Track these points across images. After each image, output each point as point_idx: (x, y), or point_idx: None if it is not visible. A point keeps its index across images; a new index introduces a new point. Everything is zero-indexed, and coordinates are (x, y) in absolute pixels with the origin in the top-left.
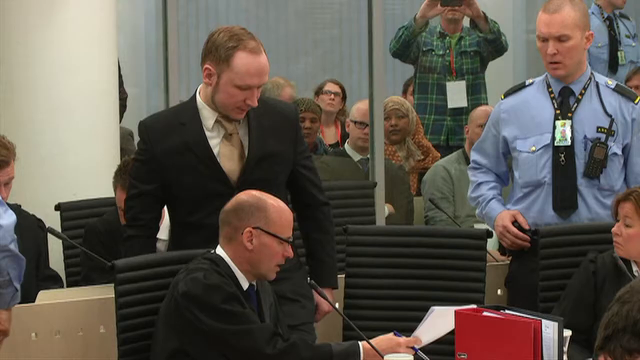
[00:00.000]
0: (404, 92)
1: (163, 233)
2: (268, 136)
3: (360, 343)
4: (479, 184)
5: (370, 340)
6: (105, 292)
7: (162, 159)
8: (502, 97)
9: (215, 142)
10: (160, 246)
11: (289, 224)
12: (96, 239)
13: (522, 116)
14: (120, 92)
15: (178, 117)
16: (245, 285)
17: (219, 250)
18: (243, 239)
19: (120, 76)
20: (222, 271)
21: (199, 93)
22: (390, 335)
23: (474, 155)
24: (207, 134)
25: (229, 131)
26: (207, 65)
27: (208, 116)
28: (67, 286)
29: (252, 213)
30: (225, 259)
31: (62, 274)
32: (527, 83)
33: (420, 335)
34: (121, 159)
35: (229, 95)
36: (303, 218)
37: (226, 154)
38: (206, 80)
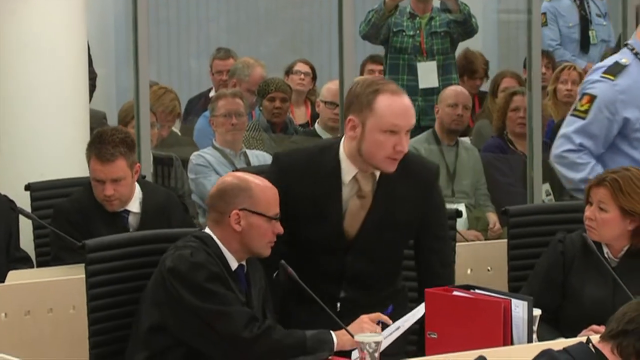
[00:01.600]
0: (361, 72)
1: (134, 205)
2: (396, 203)
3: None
4: (594, 166)
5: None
6: (75, 272)
7: (288, 198)
8: (612, 77)
9: (345, 196)
10: (132, 220)
11: (274, 201)
12: (64, 218)
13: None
14: (89, 72)
15: (319, 164)
16: (234, 265)
17: (208, 231)
18: (231, 221)
19: (89, 56)
20: (211, 250)
21: (342, 144)
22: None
23: (578, 138)
24: (342, 189)
25: (363, 193)
26: (350, 117)
27: (347, 171)
28: (37, 266)
29: (237, 195)
30: (214, 239)
31: (32, 255)
32: (623, 62)
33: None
34: None
35: (376, 143)
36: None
37: (353, 212)
38: (350, 133)
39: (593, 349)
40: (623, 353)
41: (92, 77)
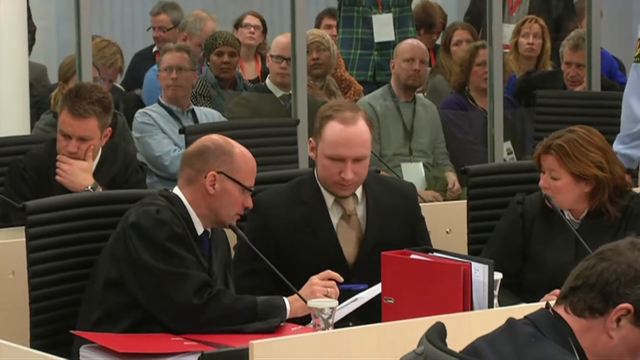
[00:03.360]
0: (317, 26)
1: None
2: (387, 219)
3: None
4: None
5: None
6: (14, 235)
7: (279, 234)
8: None
9: (333, 222)
10: None
11: (252, 173)
12: (18, 174)
13: None
14: (28, 25)
15: (298, 194)
16: (200, 230)
17: (177, 191)
18: (205, 182)
19: (28, 8)
20: (177, 211)
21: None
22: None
23: None
24: (330, 214)
25: (347, 212)
26: (310, 138)
27: (327, 195)
28: None
29: (217, 157)
30: (183, 200)
31: None
32: None
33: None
34: (31, 94)
35: (323, 168)
36: None
37: (343, 236)
38: (310, 154)
39: (552, 313)
40: (576, 310)
41: (32, 30)
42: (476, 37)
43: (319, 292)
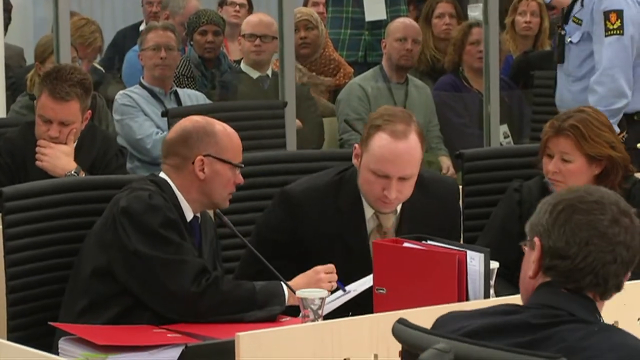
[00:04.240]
0: (305, 4)
1: None
2: (421, 231)
3: (281, 283)
4: None
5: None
6: None
7: (308, 242)
8: None
9: (367, 233)
10: None
11: (239, 148)
12: None
13: None
14: (4, 3)
15: (336, 199)
16: (189, 216)
17: (164, 176)
18: (195, 168)
19: None
20: (167, 197)
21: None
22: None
23: None
24: (367, 225)
25: (384, 229)
26: (355, 144)
27: (367, 207)
28: None
29: (202, 140)
30: (172, 186)
31: None
32: None
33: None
34: (7, 76)
35: (365, 181)
36: None
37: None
38: (354, 161)
39: (568, 292)
40: (606, 297)
41: (7, 8)
42: (459, 12)
43: (325, 285)
